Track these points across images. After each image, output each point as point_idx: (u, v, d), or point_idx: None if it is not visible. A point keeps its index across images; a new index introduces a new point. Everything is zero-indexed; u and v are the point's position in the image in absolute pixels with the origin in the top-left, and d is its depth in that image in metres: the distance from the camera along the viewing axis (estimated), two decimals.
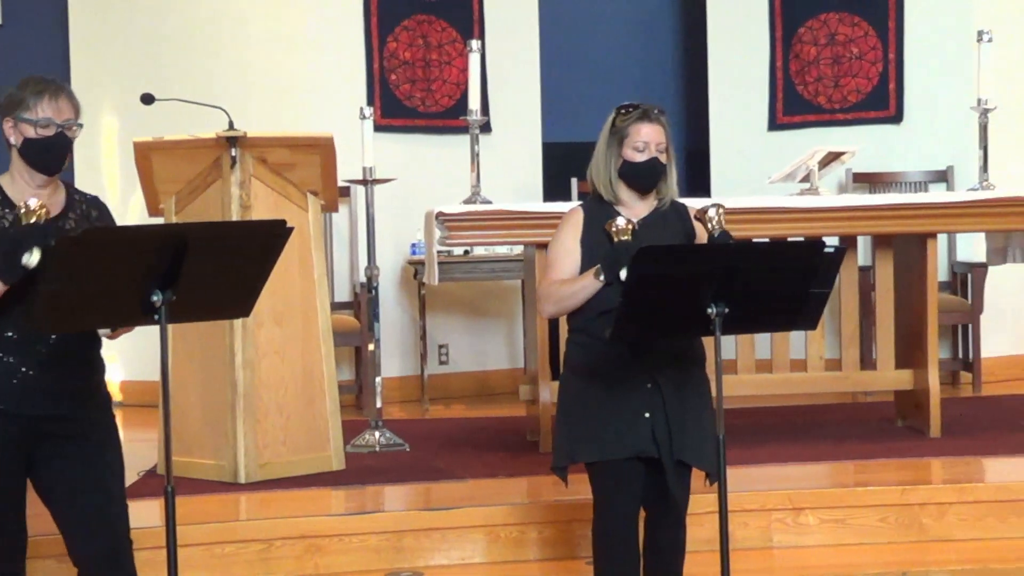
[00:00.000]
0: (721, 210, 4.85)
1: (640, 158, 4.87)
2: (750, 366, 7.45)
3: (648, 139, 4.86)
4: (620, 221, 4.75)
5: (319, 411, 6.72)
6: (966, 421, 7.61)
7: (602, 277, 4.69)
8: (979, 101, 7.59)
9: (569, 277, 4.82)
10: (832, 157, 7.82)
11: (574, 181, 9.20)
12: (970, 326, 8.93)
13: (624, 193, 4.91)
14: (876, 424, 7.71)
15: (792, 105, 9.56)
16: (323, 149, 6.66)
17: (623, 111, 4.91)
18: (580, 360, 4.89)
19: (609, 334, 4.60)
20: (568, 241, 4.88)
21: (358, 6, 9.11)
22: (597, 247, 4.79)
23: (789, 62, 9.54)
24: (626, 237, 4.71)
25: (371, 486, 6.53)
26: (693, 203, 5.15)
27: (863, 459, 6.80)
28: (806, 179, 7.72)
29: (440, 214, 7.00)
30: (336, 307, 8.40)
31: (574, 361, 4.92)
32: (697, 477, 4.90)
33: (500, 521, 6.00)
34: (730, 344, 7.28)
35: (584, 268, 4.81)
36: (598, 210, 4.90)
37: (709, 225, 4.82)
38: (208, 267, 4.19)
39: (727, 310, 4.56)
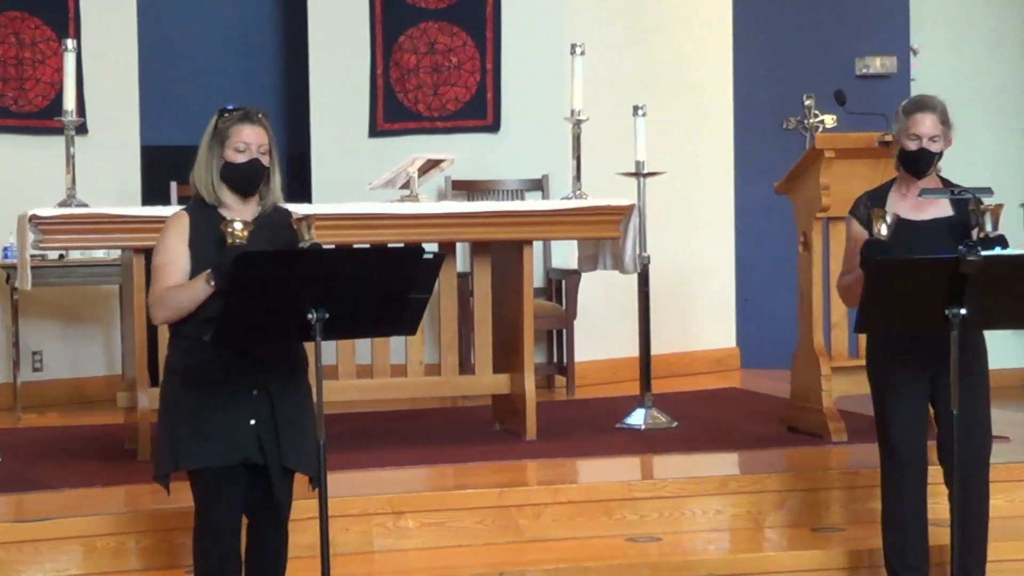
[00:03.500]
0: (312, 219, 4.85)
1: (240, 159, 4.87)
2: (351, 371, 7.49)
3: (249, 140, 4.86)
4: (237, 224, 4.73)
5: None
6: (560, 424, 7.82)
7: (213, 283, 4.66)
8: (572, 112, 7.81)
9: (181, 282, 4.77)
10: (431, 164, 7.93)
11: (174, 185, 9.07)
12: (564, 331, 9.17)
13: (227, 196, 4.89)
14: (475, 427, 7.85)
15: (393, 112, 9.64)
16: None
17: (225, 113, 4.91)
18: (183, 365, 4.83)
19: (211, 339, 4.57)
20: (176, 245, 4.83)
21: None
22: (206, 250, 4.76)
23: (390, 69, 9.63)
24: (240, 241, 4.69)
25: None
26: (295, 208, 5.17)
27: (462, 462, 6.91)
28: (406, 186, 7.81)
29: (33, 217, 6.83)
30: None
31: (177, 365, 4.86)
32: (299, 482, 4.91)
33: (97, 531, 5.87)
34: (331, 349, 7.30)
35: (194, 271, 4.77)
36: (203, 214, 4.87)
37: (300, 233, 4.81)
38: None
39: (327, 315, 4.59)
